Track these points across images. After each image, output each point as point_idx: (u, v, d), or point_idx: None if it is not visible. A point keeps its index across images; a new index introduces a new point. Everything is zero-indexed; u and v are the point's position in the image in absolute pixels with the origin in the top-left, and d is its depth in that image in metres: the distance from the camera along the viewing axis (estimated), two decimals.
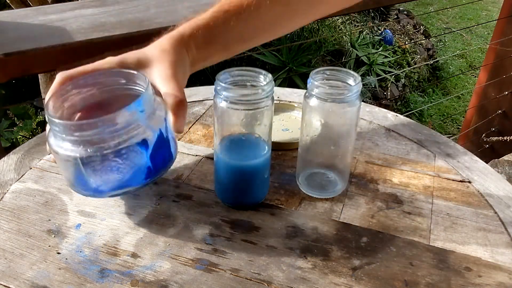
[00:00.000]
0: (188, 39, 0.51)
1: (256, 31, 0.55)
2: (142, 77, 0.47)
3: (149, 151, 0.46)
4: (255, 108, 0.46)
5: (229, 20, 0.52)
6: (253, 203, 0.53)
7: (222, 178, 0.51)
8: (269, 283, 0.43)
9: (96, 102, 0.50)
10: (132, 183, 0.47)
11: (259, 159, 0.50)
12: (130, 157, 0.45)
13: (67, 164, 0.45)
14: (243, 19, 0.52)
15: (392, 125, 0.69)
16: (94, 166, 0.44)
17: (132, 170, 0.46)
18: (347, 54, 2.93)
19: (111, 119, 0.42)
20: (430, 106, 3.09)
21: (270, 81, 0.47)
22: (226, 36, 0.53)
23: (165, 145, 0.48)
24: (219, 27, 0.52)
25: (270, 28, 0.56)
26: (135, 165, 0.46)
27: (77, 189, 0.48)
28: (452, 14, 4.49)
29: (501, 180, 0.58)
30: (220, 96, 0.46)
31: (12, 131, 1.84)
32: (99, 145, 0.43)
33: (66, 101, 0.48)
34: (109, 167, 0.45)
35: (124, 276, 0.44)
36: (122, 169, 0.46)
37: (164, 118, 0.47)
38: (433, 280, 0.44)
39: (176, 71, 0.49)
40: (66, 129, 0.43)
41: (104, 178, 0.46)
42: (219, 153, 0.50)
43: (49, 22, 0.91)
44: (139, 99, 0.43)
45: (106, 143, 0.43)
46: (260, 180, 0.52)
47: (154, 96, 0.46)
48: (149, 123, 0.45)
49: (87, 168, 0.44)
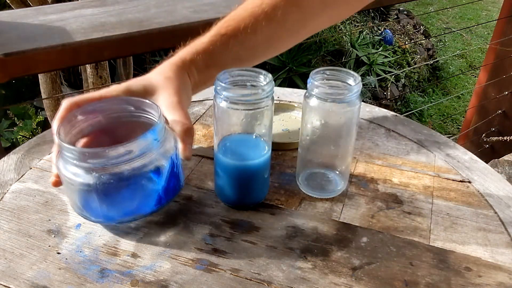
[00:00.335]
0: (190, 64, 0.53)
1: (252, 51, 0.58)
2: (153, 105, 0.48)
3: (161, 179, 0.47)
4: (255, 108, 0.46)
5: (227, 43, 0.54)
6: (253, 203, 0.53)
7: (222, 178, 0.51)
8: (269, 283, 0.43)
9: (102, 128, 0.50)
10: (142, 210, 0.48)
11: (259, 159, 0.50)
12: (143, 185, 0.46)
13: (78, 190, 0.45)
14: (240, 42, 0.55)
15: (392, 125, 0.69)
16: (106, 193, 0.45)
17: (144, 197, 0.47)
18: (347, 54, 2.93)
19: (127, 147, 0.43)
20: (430, 106, 3.09)
21: (270, 81, 0.47)
22: (224, 58, 0.55)
23: (176, 172, 0.49)
24: (217, 50, 0.54)
25: (265, 48, 0.59)
26: (147, 193, 0.47)
27: (85, 215, 0.48)
28: (452, 14, 4.49)
29: (501, 180, 0.58)
30: (220, 96, 0.46)
31: (12, 131, 1.84)
32: (113, 172, 0.44)
33: (73, 127, 0.48)
34: (122, 194, 0.46)
35: (124, 276, 0.44)
36: (134, 196, 0.47)
37: (175, 146, 0.48)
38: (433, 280, 0.44)
39: (181, 98, 0.50)
40: (80, 156, 0.43)
41: (116, 205, 0.47)
42: (219, 153, 0.50)
43: (49, 22, 0.91)
44: (154, 128, 0.44)
45: (120, 170, 0.44)
46: (260, 180, 0.52)
47: (165, 124, 0.47)
48: (162, 152, 0.46)
49: (99, 195, 0.45)
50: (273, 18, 0.55)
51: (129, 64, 1.95)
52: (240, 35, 0.54)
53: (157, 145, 0.45)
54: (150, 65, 2.54)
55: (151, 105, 0.48)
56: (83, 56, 0.86)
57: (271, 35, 0.57)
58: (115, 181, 0.44)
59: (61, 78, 2.05)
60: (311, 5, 0.56)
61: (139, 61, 2.52)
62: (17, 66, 0.80)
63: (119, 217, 0.47)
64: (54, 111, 1.65)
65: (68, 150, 0.43)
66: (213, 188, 0.55)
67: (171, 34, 0.91)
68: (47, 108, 1.66)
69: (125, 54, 1.56)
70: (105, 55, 0.89)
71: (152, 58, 2.52)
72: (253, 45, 0.57)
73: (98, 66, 1.57)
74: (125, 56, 1.77)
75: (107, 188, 0.44)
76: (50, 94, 1.57)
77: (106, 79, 1.61)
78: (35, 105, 2.17)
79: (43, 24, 0.90)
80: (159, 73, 0.52)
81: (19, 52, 0.80)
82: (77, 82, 2.25)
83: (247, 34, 0.55)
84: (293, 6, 0.55)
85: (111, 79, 1.74)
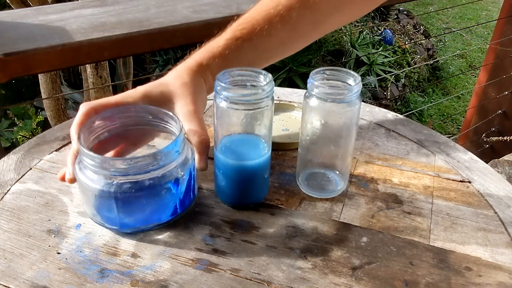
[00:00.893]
0: (205, 68, 0.54)
1: (266, 54, 0.59)
2: (172, 116, 0.49)
3: (179, 190, 0.48)
4: (255, 108, 0.46)
5: (242, 47, 0.55)
6: (253, 203, 0.53)
7: (222, 178, 0.51)
8: (269, 283, 0.43)
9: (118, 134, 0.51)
10: (158, 219, 0.48)
11: (259, 159, 0.50)
12: (161, 195, 0.47)
13: (95, 196, 0.46)
14: (254, 45, 0.55)
15: (392, 125, 0.69)
16: (125, 201, 0.45)
17: (161, 207, 0.48)
18: (347, 54, 2.93)
19: (149, 157, 0.44)
20: (430, 106, 3.09)
21: (270, 81, 0.47)
22: (238, 63, 0.55)
23: (192, 183, 0.50)
24: (232, 55, 0.55)
25: (278, 51, 0.60)
26: (164, 203, 0.48)
27: (100, 222, 0.48)
28: (452, 14, 4.49)
29: (501, 180, 0.58)
30: (220, 96, 0.46)
31: (12, 131, 1.84)
32: (134, 181, 0.44)
33: (92, 133, 0.49)
34: (140, 203, 0.46)
35: (124, 276, 0.44)
36: (152, 205, 0.47)
37: (193, 157, 0.49)
38: (433, 279, 0.44)
39: (198, 107, 0.51)
40: (102, 164, 0.44)
41: (133, 213, 0.47)
42: (218, 153, 0.50)
43: (49, 22, 0.91)
44: (176, 140, 0.45)
45: (141, 180, 0.44)
46: (260, 180, 0.52)
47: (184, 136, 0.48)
48: (181, 163, 0.47)
49: (118, 203, 0.45)
50: (288, 21, 0.56)
51: (129, 64, 1.95)
52: (255, 38, 0.55)
53: (177, 157, 0.46)
54: (150, 65, 2.54)
55: (169, 115, 0.49)
56: (83, 56, 0.86)
57: (284, 38, 0.58)
58: (135, 190, 0.45)
59: (61, 78, 2.05)
60: (322, 8, 0.57)
61: (139, 61, 2.52)
62: (17, 66, 0.80)
63: (134, 224, 0.48)
64: (54, 111, 1.65)
65: (89, 157, 0.44)
66: (213, 188, 0.55)
67: (171, 34, 0.91)
68: (47, 108, 1.66)
69: (125, 54, 1.57)
70: (105, 55, 0.89)
71: (152, 58, 2.52)
72: (267, 48, 0.57)
73: (98, 66, 1.57)
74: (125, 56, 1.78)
75: (126, 197, 0.45)
76: (50, 94, 1.58)
77: (106, 79, 1.61)
78: (35, 105, 2.18)
79: (43, 24, 0.90)
80: (176, 78, 0.52)
81: (19, 52, 0.80)
82: (77, 82, 2.25)
83: (262, 37, 0.55)
84: (306, 8, 0.56)
85: (111, 79, 1.74)
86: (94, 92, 1.63)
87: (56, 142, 0.63)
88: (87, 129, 0.48)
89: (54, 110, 1.65)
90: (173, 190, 0.47)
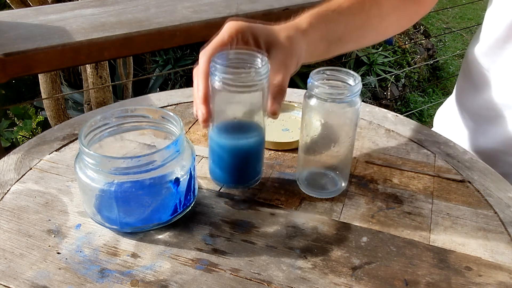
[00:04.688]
0: (309, 34, 0.55)
1: (349, 33, 0.61)
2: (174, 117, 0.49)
3: (179, 189, 0.48)
4: (250, 90, 0.46)
5: (337, 19, 0.58)
6: (248, 183, 0.54)
7: (216, 157, 0.52)
8: (269, 283, 0.43)
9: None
10: (158, 219, 0.49)
11: (253, 138, 0.51)
12: (162, 194, 0.47)
13: (95, 196, 0.46)
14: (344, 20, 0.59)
15: (392, 125, 0.69)
16: (126, 200, 0.45)
17: (162, 207, 0.48)
18: (347, 54, 2.93)
19: (150, 157, 0.44)
20: (430, 106, 3.09)
21: (266, 64, 0.47)
22: (330, 36, 0.58)
23: (192, 183, 0.50)
24: (329, 27, 0.57)
25: (358, 35, 0.62)
26: (165, 202, 0.48)
27: (100, 221, 0.48)
28: (452, 14, 4.49)
29: (501, 180, 0.58)
30: (214, 77, 0.46)
31: (12, 131, 1.84)
32: (134, 180, 0.45)
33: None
34: (140, 202, 0.46)
35: (124, 276, 0.44)
36: (152, 205, 0.47)
37: (193, 158, 0.49)
38: (433, 279, 0.44)
39: (291, 60, 0.51)
40: (103, 163, 0.44)
41: (133, 213, 0.47)
42: (212, 133, 0.50)
43: (49, 22, 0.91)
44: (176, 140, 0.46)
45: (142, 179, 0.45)
46: (254, 159, 0.52)
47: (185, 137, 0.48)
48: (182, 163, 0.47)
49: (118, 202, 0.45)
50: (362, 9, 0.60)
51: (129, 64, 1.95)
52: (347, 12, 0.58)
53: (178, 156, 0.46)
54: (150, 65, 2.54)
55: (172, 116, 0.49)
56: (83, 56, 0.86)
57: (358, 24, 0.61)
58: (136, 190, 0.45)
59: (61, 78, 2.05)
60: (386, 4, 0.62)
61: (139, 61, 2.51)
62: (17, 66, 0.80)
63: (134, 223, 0.48)
64: (54, 111, 1.65)
65: (90, 156, 0.44)
66: (213, 189, 0.55)
67: (171, 34, 0.92)
68: (47, 108, 1.66)
69: (125, 54, 1.56)
70: (105, 55, 0.89)
71: (152, 58, 2.52)
72: (351, 26, 0.60)
73: (98, 66, 1.57)
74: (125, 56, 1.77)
75: (127, 196, 0.45)
76: (50, 94, 1.58)
77: (106, 79, 1.61)
78: (35, 105, 2.18)
79: (43, 24, 0.90)
80: (283, 30, 0.52)
81: (19, 52, 0.80)
82: (77, 82, 2.25)
83: (352, 14, 0.59)
84: (373, 0, 0.61)
85: (111, 79, 1.74)
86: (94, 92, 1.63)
87: (56, 142, 0.63)
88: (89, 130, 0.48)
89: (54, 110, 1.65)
90: (173, 189, 0.47)
